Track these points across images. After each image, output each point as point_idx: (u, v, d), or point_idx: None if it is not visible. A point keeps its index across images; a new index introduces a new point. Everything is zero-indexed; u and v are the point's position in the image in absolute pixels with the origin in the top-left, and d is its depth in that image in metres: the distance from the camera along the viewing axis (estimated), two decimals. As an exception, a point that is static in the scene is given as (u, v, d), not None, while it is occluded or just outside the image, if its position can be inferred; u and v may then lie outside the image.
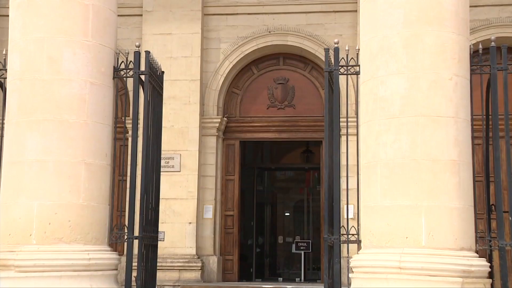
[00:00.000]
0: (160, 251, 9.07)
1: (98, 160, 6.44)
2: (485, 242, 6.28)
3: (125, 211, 6.90)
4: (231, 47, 11.44)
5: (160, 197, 7.80)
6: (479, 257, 6.01)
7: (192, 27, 11.22)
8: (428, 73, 6.03)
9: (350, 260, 6.35)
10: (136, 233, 6.69)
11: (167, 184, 10.66)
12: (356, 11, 10.87)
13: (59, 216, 6.16)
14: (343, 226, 6.73)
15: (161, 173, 7.91)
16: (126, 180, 8.05)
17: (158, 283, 8.34)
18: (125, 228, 6.65)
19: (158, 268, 7.88)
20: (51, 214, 6.14)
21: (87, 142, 6.37)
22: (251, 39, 11.42)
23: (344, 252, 8.55)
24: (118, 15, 7.24)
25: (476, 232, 6.14)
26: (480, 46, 6.67)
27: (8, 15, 6.82)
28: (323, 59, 7.71)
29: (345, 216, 7.14)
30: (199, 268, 10.79)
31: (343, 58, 6.98)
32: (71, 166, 6.26)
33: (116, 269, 6.50)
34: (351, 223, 6.97)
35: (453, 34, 6.13)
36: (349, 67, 7.00)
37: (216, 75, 11.46)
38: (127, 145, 9.99)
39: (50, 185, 6.17)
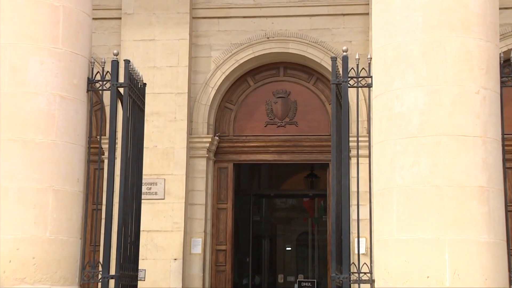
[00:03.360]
0: (140, 293, 8.98)
1: (69, 186, 6.40)
2: (520, 282, 6.23)
3: (99, 245, 6.84)
4: (224, 55, 11.46)
5: (141, 229, 7.74)
6: (513, 299, 5.97)
7: (179, 32, 11.24)
8: (451, 85, 6.03)
9: (362, 303, 6.29)
10: (112, 271, 6.63)
11: (149, 213, 10.60)
12: (367, 14, 10.91)
13: (22, 252, 6.10)
14: (353, 263, 6.69)
15: (142, 201, 7.88)
16: (101, 210, 7.98)
17: (137, 330, 8.25)
18: (100, 266, 6.59)
19: (138, 312, 7.79)
20: (12, 250, 6.07)
21: (56, 165, 6.33)
22: (247, 46, 11.44)
23: (355, 294, 8.48)
24: (93, 18, 7.25)
25: (509, 271, 6.10)
26: (512, 55, 6.70)
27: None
28: (330, 69, 7.72)
29: (356, 252, 7.09)
30: (186, 312, 10.70)
31: (352, 68, 6.99)
32: (37, 194, 6.22)
33: (89, 314, 6.43)
34: (362, 259, 6.92)
35: (481, 41, 6.14)
36: (359, 79, 6.99)
37: (206, 87, 11.46)
38: (103, 169, 9.98)
39: (12, 216, 6.12)
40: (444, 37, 6.09)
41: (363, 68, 7.03)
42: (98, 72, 6.94)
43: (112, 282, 6.59)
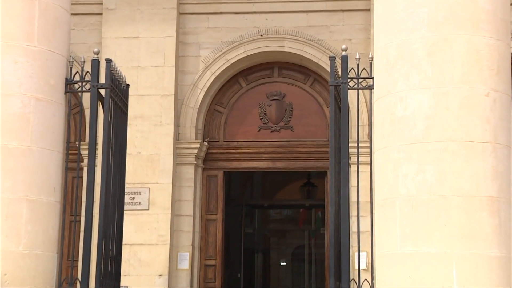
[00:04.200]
0: (122, 311, 8.95)
1: (45, 196, 6.37)
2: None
3: (77, 260, 6.81)
4: (214, 54, 11.46)
5: (123, 242, 7.72)
6: (526, 319, 5.96)
7: (165, 29, 11.23)
8: (459, 87, 6.04)
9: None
10: (92, 288, 6.60)
11: (132, 225, 10.57)
12: (369, 10, 10.93)
13: (-7, 267, 6.06)
14: (353, 279, 6.68)
15: (125, 212, 7.86)
16: (79, 221, 7.94)
17: None
18: (78, 283, 6.56)
19: (119, 333, 7.76)
20: (-18, 265, 6.03)
21: (30, 173, 6.31)
22: (239, 44, 11.44)
23: (355, 312, 8.47)
24: (72, 14, 7.23)
25: (521, 287, 6.10)
26: (525, 54, 6.71)
27: None
28: (328, 69, 7.71)
29: (356, 267, 7.08)
30: (172, 332, 10.66)
31: (352, 68, 6.98)
32: (10, 204, 6.18)
33: (66, 335, 6.39)
34: (363, 275, 6.91)
35: (491, 39, 6.15)
36: (360, 80, 6.99)
37: (194, 89, 11.45)
38: (82, 177, 9.94)
39: (-18, 228, 6.08)
40: (451, 35, 6.09)
41: (363, 69, 7.03)
42: (77, 72, 6.92)
43: (91, 300, 6.56)
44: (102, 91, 7.00)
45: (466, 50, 6.08)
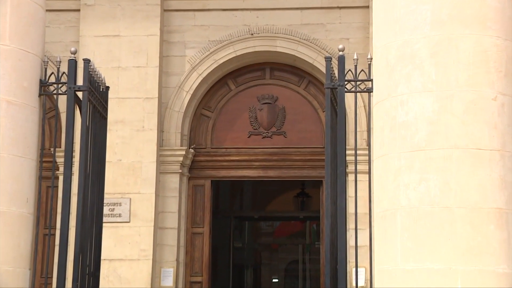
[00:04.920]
0: (101, 332, 8.91)
1: (16, 208, 6.35)
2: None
3: (52, 277, 6.78)
4: (201, 54, 11.46)
5: (102, 257, 7.69)
6: None
7: (148, 27, 11.23)
8: (464, 90, 6.05)
9: None
10: (68, 307, 6.58)
11: (111, 239, 10.54)
12: (367, 7, 10.97)
13: (-41, 285, 6.03)
14: (351, 297, 6.67)
15: (104, 224, 7.84)
16: (54, 235, 7.90)
17: None
18: (52, 301, 6.53)
19: None
20: None
21: (1, 182, 6.26)
22: (228, 43, 11.45)
23: (352, 333, 8.47)
24: (47, 10, 7.22)
25: (531, 306, 6.11)
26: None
27: None
28: (324, 71, 7.72)
29: (354, 284, 7.07)
30: None
31: (350, 70, 6.99)
32: (-22, 216, 6.16)
33: None
34: (362, 293, 6.91)
35: (499, 39, 6.17)
36: (358, 82, 7.00)
37: (180, 91, 11.44)
38: (57, 187, 9.90)
39: None
40: (456, 34, 6.11)
41: (362, 70, 7.04)
42: (52, 73, 6.90)
43: (67, 321, 6.53)
44: (80, 94, 6.98)
45: (472, 51, 6.09)
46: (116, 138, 10.88)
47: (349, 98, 8.53)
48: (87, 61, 7.03)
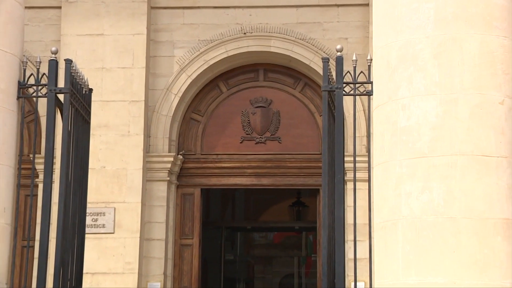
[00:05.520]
0: None
1: (-7, 217, 6.32)
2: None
3: (31, 292, 6.76)
4: (190, 55, 11.46)
5: (84, 271, 7.67)
6: None
7: (134, 25, 11.23)
8: (469, 94, 6.06)
9: None
10: (47, 324, 6.56)
11: (94, 251, 10.52)
12: (367, 4, 10.98)
13: None
14: (349, 313, 6.67)
15: (87, 235, 7.82)
16: (33, 247, 7.88)
17: None
18: (31, 317, 6.52)
19: None
20: None
21: (-24, 190, 6.26)
22: (219, 43, 11.45)
23: None
24: (26, 7, 7.22)
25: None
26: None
27: None
28: (321, 72, 7.73)
29: (353, 299, 7.08)
30: None
31: (349, 71, 7.00)
32: (-48, 226, 6.15)
33: None
34: (361, 309, 6.91)
35: (505, 39, 6.18)
36: (357, 85, 7.00)
37: (168, 94, 11.44)
38: (37, 195, 9.88)
39: None
40: (460, 34, 6.12)
41: (361, 72, 7.04)
42: (32, 74, 6.89)
43: (46, 338, 6.51)
44: (61, 96, 6.96)
45: (477, 52, 6.10)
46: (99, 143, 10.86)
47: (347, 101, 8.54)
48: (68, 62, 7.02)
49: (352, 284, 7.26)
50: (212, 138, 11.68)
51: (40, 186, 9.80)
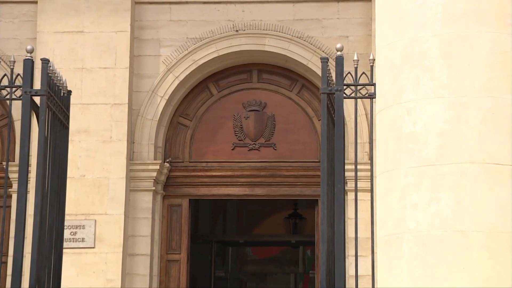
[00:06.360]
0: None
1: (-37, 231, 6.31)
2: None
3: (4, 312, 6.75)
4: (178, 54, 11.47)
5: (62, 289, 7.67)
6: None
7: (117, 21, 11.23)
8: (480, 97, 6.07)
9: None
10: None
11: (73, 267, 10.51)
12: (370, 0, 11.00)
13: None
14: (350, 335, 6.67)
15: (64, 250, 7.80)
16: (6, 263, 7.87)
17: None
18: None
19: None
20: None
21: None
22: (209, 41, 11.46)
23: None
24: None
25: None
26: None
27: None
28: (319, 73, 7.73)
29: (354, 320, 7.08)
30: None
31: (349, 72, 7.01)
32: None
33: None
34: (363, 330, 6.91)
35: (519, 38, 6.20)
36: (359, 87, 7.01)
37: (153, 96, 11.44)
38: (10, 207, 9.86)
39: None
40: (471, 32, 6.13)
41: (363, 73, 7.06)
42: (5, 75, 6.90)
43: None
44: (37, 99, 6.95)
45: (489, 51, 6.11)
46: (79, 150, 10.86)
47: (348, 105, 8.54)
48: (45, 61, 7.00)
49: (354, 303, 7.27)
50: (202, 144, 11.69)
51: (14, 196, 9.82)
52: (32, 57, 6.94)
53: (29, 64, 6.90)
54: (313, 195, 11.26)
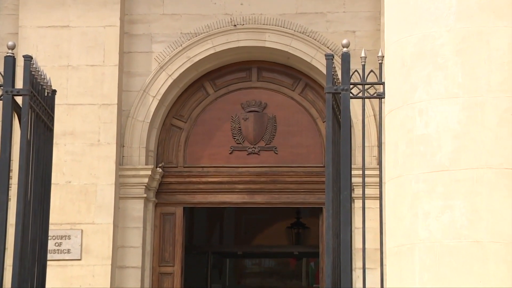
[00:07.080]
0: None
1: None
2: None
3: (-17, 329, 6.74)
4: (171, 50, 11.48)
5: (46, 304, 7.68)
6: None
7: (105, 15, 11.24)
8: (497, 97, 6.07)
9: None
10: None
11: (58, 281, 10.52)
12: (378, -7, 11.03)
13: None
14: None
15: (49, 263, 7.81)
16: (-14, 276, 7.84)
17: None
18: None
19: None
20: None
21: None
22: (205, 37, 11.48)
23: None
24: (-21, -5, 7.22)
25: None
26: None
27: None
28: (324, 71, 7.73)
29: (362, 337, 7.09)
30: None
31: (356, 70, 7.02)
32: None
33: None
34: None
35: (539, 33, 6.20)
36: (367, 86, 7.02)
37: (145, 96, 11.45)
38: (-9, 215, 9.87)
39: None
40: (487, 27, 6.14)
41: (371, 71, 7.07)
42: (-15, 73, 6.90)
43: None
44: (19, 99, 6.96)
45: (507, 48, 6.12)
46: (64, 154, 10.86)
47: (355, 105, 8.56)
48: (28, 58, 7.01)
49: (361, 319, 7.28)
50: (197, 148, 11.69)
51: (-5, 204, 9.81)
52: (13, 54, 6.95)
53: (10, 62, 6.91)
54: (317, 202, 11.26)
